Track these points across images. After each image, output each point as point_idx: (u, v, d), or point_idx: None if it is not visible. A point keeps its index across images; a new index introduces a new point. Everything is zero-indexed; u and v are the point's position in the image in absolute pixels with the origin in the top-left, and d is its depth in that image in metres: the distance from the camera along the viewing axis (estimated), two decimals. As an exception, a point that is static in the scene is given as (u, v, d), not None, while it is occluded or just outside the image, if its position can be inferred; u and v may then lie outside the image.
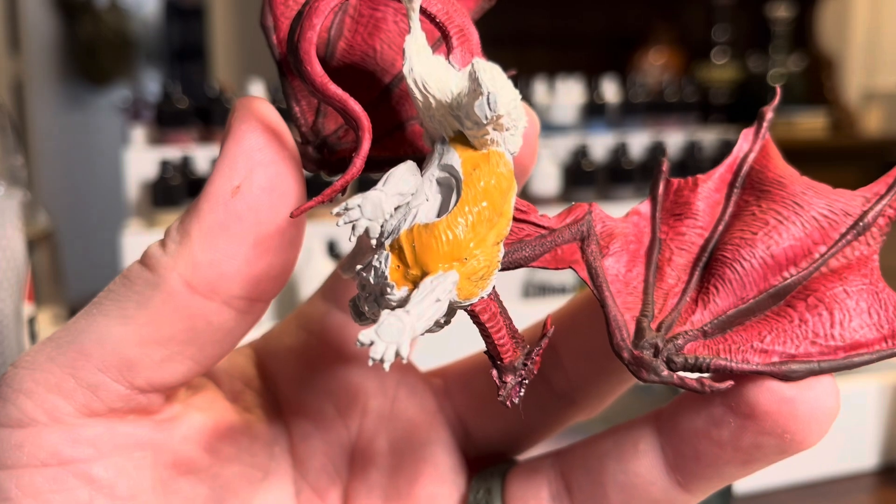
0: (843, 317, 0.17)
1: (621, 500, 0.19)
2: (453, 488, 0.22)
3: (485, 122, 0.16)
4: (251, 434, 0.21)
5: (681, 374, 0.17)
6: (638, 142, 1.18)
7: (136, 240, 0.86)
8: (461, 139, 0.17)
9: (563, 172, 1.09)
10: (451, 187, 0.17)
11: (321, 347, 0.23)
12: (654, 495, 0.19)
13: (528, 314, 0.24)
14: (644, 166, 1.12)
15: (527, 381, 0.18)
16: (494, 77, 0.16)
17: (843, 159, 1.75)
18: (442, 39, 0.18)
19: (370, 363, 0.15)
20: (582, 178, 1.08)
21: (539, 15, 2.03)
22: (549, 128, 1.18)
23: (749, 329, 0.18)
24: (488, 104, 0.16)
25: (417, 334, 0.15)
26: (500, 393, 0.18)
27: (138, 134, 1.01)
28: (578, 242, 0.19)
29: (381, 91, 0.20)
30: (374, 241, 0.17)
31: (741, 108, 1.79)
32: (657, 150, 1.14)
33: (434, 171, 0.17)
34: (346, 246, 0.87)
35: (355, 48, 0.20)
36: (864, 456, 0.59)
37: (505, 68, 0.18)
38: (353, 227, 0.16)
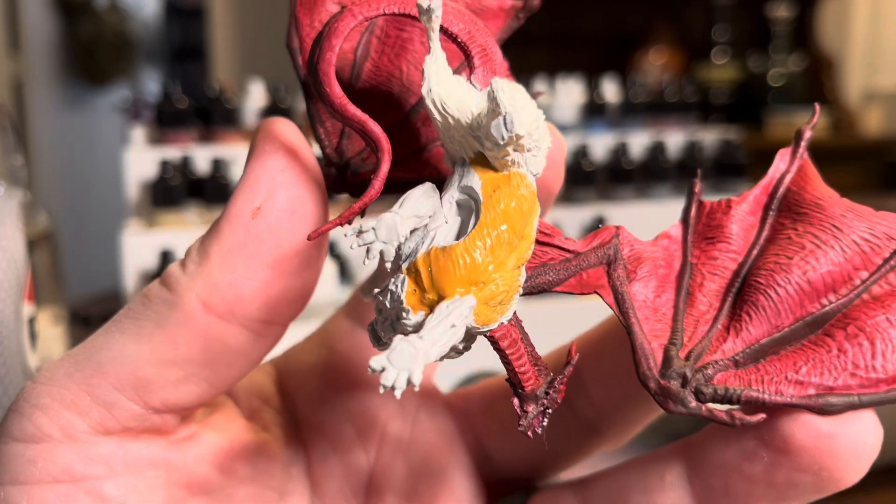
0: (886, 347, 0.16)
1: None
2: None
3: (502, 142, 0.16)
4: (267, 454, 0.21)
5: (710, 405, 0.17)
6: (638, 142, 1.18)
7: (135, 240, 0.86)
8: (482, 160, 0.17)
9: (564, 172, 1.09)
10: (470, 209, 0.17)
11: (342, 366, 0.22)
12: None
13: (529, 314, 0.24)
14: (644, 166, 1.12)
15: (550, 411, 0.17)
16: (514, 97, 0.16)
17: (844, 159, 1.75)
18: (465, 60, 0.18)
19: (381, 390, 0.14)
20: (582, 178, 1.08)
21: (539, 15, 2.03)
22: (549, 128, 1.17)
23: (784, 359, 0.17)
24: (505, 125, 0.16)
25: (431, 361, 0.15)
26: (522, 422, 0.17)
27: (138, 134, 1.01)
28: (605, 267, 0.18)
29: (407, 112, 0.20)
30: (388, 265, 0.16)
31: (741, 108, 1.79)
32: (657, 150, 1.14)
33: (454, 193, 0.17)
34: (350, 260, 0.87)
35: (381, 69, 0.20)
36: (864, 456, 0.59)
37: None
38: (368, 251, 0.16)
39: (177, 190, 0.88)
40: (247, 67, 1.99)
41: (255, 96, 1.05)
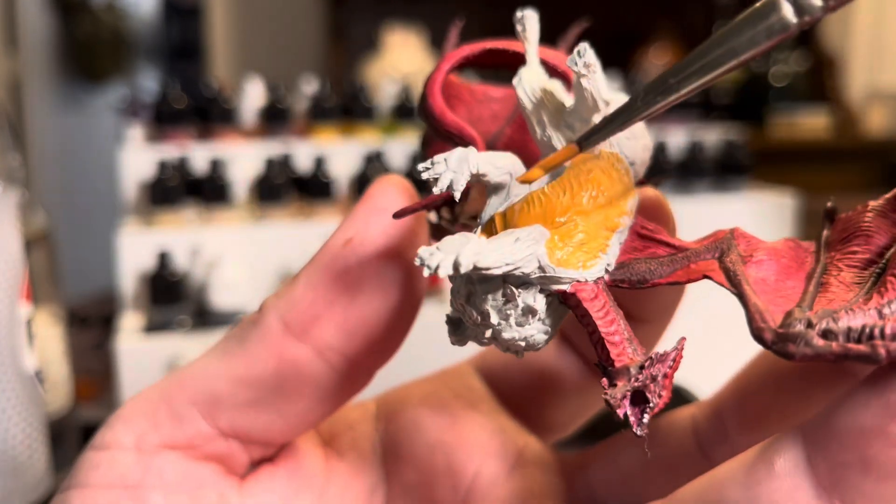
0: None
1: None
2: None
3: (579, 69, 0.16)
4: (340, 487, 0.20)
5: (843, 343, 0.13)
6: (640, 141, 1.18)
7: (133, 239, 0.85)
8: None
9: (565, 171, 1.08)
10: None
11: (448, 399, 0.21)
12: None
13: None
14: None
15: (652, 405, 0.14)
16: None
17: (846, 159, 1.75)
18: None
19: (426, 273, 0.14)
20: (584, 177, 1.07)
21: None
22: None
23: None
24: (578, 53, 0.16)
25: (486, 262, 0.14)
26: (607, 392, 0.14)
27: (136, 133, 1.01)
28: (717, 258, 0.16)
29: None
30: (456, 194, 0.15)
31: (743, 107, 1.78)
32: (659, 149, 1.13)
33: (545, 179, 0.17)
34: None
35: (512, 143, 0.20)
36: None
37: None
38: (437, 181, 0.15)
39: (174, 189, 0.87)
40: (245, 66, 1.98)
41: (253, 95, 1.04)
